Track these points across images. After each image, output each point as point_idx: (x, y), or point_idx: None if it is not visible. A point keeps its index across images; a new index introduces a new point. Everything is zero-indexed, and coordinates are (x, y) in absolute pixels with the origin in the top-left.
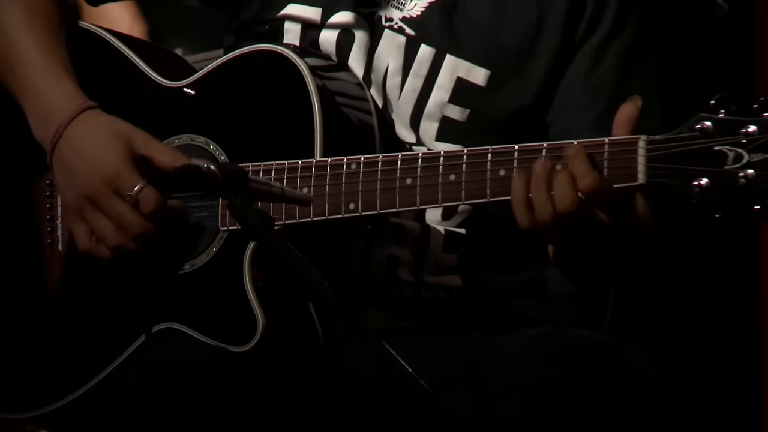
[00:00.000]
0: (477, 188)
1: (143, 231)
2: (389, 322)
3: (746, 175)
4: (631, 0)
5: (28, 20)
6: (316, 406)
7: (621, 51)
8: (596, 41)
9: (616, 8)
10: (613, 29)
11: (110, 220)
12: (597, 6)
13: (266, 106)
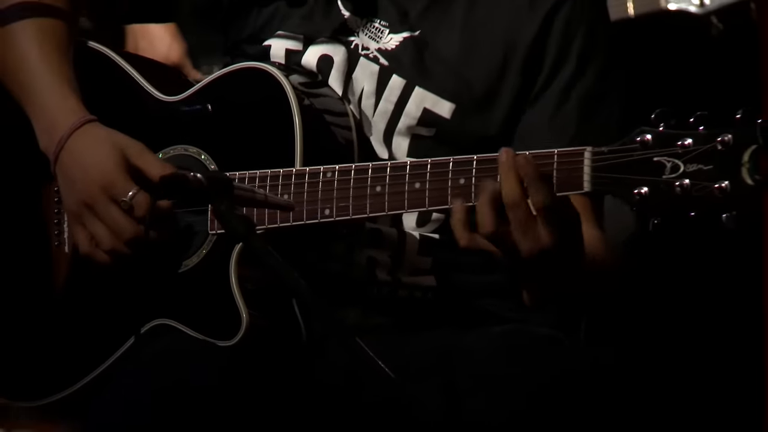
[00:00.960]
0: (439, 195)
1: (136, 235)
2: (367, 318)
3: (682, 184)
4: (593, 46)
5: (39, 40)
6: (299, 397)
7: (583, 95)
8: (560, 85)
9: (579, 54)
10: (576, 73)
11: (105, 225)
12: (560, 51)
13: (252, 119)
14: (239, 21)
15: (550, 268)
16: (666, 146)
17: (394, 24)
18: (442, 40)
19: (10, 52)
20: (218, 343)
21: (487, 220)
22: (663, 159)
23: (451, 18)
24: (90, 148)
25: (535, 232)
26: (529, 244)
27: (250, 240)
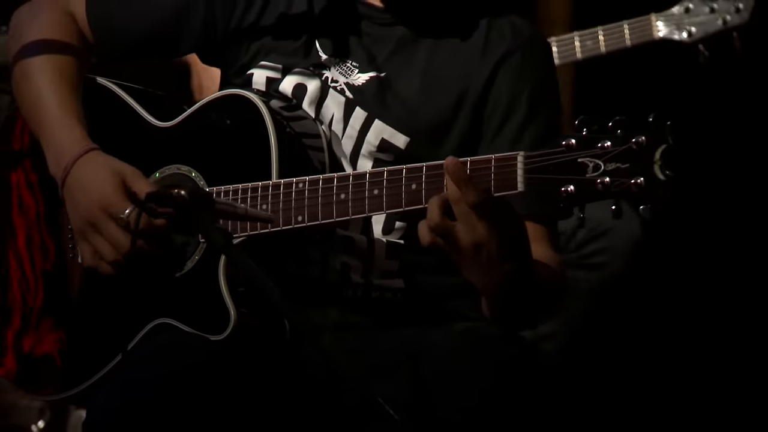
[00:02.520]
0: (395, 200)
1: (137, 249)
2: (345, 317)
3: (603, 182)
4: (541, 93)
5: (54, 79)
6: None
7: (534, 137)
8: (513, 128)
9: (529, 100)
10: (527, 118)
11: (106, 240)
12: (512, 98)
13: (235, 139)
14: (230, 55)
15: (487, 259)
16: (588, 148)
17: (363, 65)
18: (404, 81)
19: (27, 85)
20: (210, 337)
21: (434, 214)
22: (586, 160)
23: (414, 63)
24: (91, 173)
25: (472, 223)
26: (469, 235)
27: (227, 249)
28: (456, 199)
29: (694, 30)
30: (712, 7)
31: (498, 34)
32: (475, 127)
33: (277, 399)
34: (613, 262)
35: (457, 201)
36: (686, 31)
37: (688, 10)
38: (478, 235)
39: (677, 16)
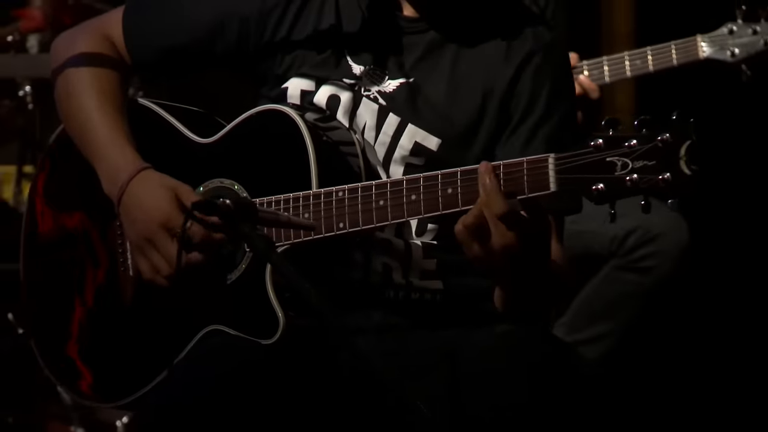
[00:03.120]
0: (432, 204)
1: (189, 260)
2: (386, 319)
3: (632, 179)
4: (558, 93)
5: (100, 101)
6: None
7: (549, 134)
8: (530, 125)
9: (547, 99)
10: (544, 116)
11: (163, 256)
12: (531, 97)
13: (274, 152)
14: (263, 69)
15: (512, 261)
16: (616, 147)
17: (393, 72)
18: (432, 86)
19: (73, 105)
20: (261, 341)
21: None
22: (614, 159)
23: (440, 68)
24: (147, 191)
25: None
26: (498, 239)
27: (269, 255)
28: (486, 206)
29: (737, 51)
30: (755, 29)
31: (520, 39)
32: (501, 127)
33: (318, 400)
34: (662, 266)
35: (487, 207)
36: (729, 51)
37: (731, 32)
38: (507, 240)
39: (721, 38)
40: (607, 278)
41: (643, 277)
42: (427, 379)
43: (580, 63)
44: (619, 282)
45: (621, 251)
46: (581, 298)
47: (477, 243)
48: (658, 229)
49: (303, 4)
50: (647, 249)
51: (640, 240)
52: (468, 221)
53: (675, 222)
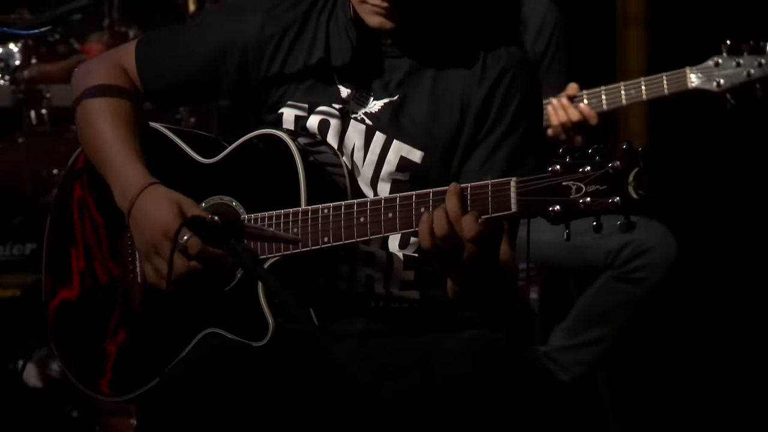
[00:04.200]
0: (406, 221)
1: (190, 269)
2: (368, 325)
3: (585, 201)
4: (524, 110)
5: (114, 122)
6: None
7: (511, 147)
8: (495, 137)
9: (512, 115)
10: (508, 130)
11: (166, 263)
12: (499, 112)
13: (269, 172)
14: (261, 97)
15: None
16: (571, 173)
17: (378, 93)
18: (414, 103)
19: (90, 129)
20: (252, 344)
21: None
22: (570, 183)
23: (422, 87)
24: (154, 204)
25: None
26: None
27: (253, 266)
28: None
29: (722, 81)
30: (738, 62)
31: (493, 59)
32: (474, 140)
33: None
34: (652, 277)
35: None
36: (715, 82)
37: (717, 64)
38: (467, 251)
39: (708, 69)
40: (603, 288)
41: (635, 287)
42: (404, 380)
43: (580, 92)
44: (614, 291)
45: (615, 263)
46: (580, 305)
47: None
48: (649, 244)
49: (297, 35)
50: (639, 261)
51: (632, 253)
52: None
53: (664, 237)
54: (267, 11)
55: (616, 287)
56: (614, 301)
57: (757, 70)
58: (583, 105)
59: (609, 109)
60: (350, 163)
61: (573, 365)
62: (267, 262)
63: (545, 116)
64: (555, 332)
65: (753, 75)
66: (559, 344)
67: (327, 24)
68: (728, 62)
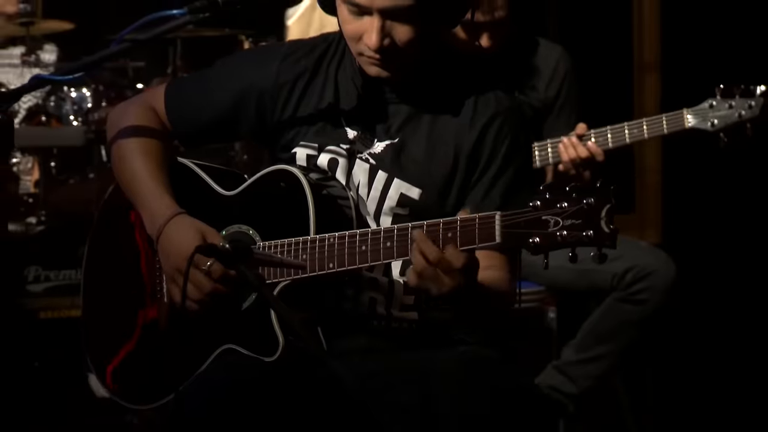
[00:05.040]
0: (403, 250)
1: (212, 290)
2: (371, 343)
3: (561, 234)
4: (513, 151)
5: (145, 160)
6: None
7: (505, 186)
8: (489, 177)
9: (503, 156)
10: (500, 170)
11: (192, 284)
12: (491, 153)
13: (283, 204)
14: (277, 137)
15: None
16: (550, 208)
17: (380, 135)
18: (413, 145)
19: (124, 165)
20: (264, 359)
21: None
22: (548, 217)
23: (420, 130)
24: (179, 232)
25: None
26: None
27: (260, 288)
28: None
29: (716, 122)
30: (731, 104)
31: (484, 105)
32: (468, 179)
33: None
34: (653, 299)
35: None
36: (710, 122)
37: (711, 106)
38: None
39: (703, 111)
40: (609, 308)
41: (638, 307)
42: (403, 393)
43: (588, 131)
44: (619, 311)
45: (620, 286)
46: (588, 323)
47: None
48: (650, 268)
49: (309, 82)
50: (642, 284)
51: (635, 277)
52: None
53: (665, 262)
54: (282, 60)
55: (620, 308)
56: (619, 320)
57: (748, 111)
58: (590, 143)
59: (614, 147)
60: (356, 197)
61: (582, 378)
62: (279, 285)
63: (557, 152)
64: (566, 348)
65: (744, 116)
66: (569, 359)
67: (336, 72)
68: (721, 104)
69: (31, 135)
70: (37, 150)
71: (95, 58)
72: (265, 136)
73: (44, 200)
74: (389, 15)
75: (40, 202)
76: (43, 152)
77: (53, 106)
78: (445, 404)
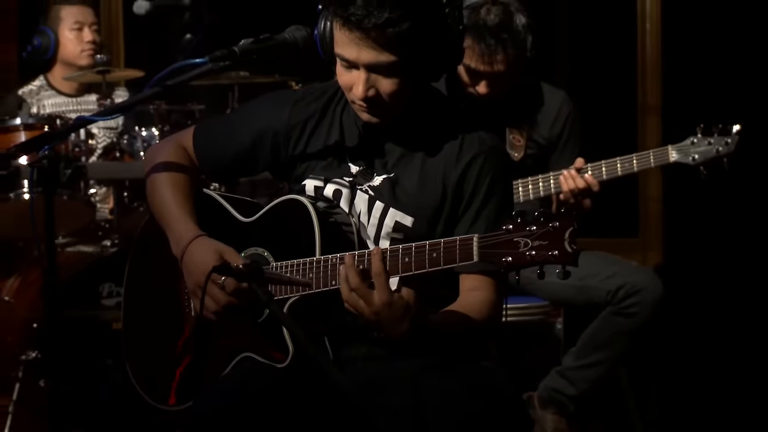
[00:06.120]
0: (395, 269)
1: (228, 303)
2: (371, 351)
3: (530, 254)
4: (494, 186)
5: (173, 191)
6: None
7: (487, 217)
8: (473, 210)
9: (485, 191)
10: (483, 203)
11: (211, 298)
12: (474, 189)
13: (293, 229)
14: (289, 171)
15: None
16: (521, 231)
17: (378, 170)
18: (406, 179)
19: (156, 195)
20: (277, 366)
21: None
22: (519, 239)
23: (413, 166)
24: (201, 252)
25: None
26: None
27: (269, 304)
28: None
29: (697, 156)
30: (709, 141)
31: (469, 144)
32: (454, 209)
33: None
34: (643, 312)
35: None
36: (691, 157)
37: (693, 143)
38: (367, 313)
39: (686, 147)
40: (604, 320)
41: (629, 319)
42: (398, 397)
43: (585, 165)
44: (613, 323)
45: (614, 301)
46: (586, 334)
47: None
48: (640, 286)
49: (317, 123)
50: (632, 300)
51: (627, 293)
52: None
53: (653, 280)
54: (293, 105)
55: (614, 320)
56: (613, 331)
57: (724, 147)
58: (587, 175)
59: (608, 178)
60: (358, 223)
61: (580, 382)
62: (289, 300)
63: (559, 183)
64: (567, 355)
65: (721, 152)
66: (569, 365)
67: (341, 115)
68: (702, 141)
69: (107, 169)
70: (112, 182)
71: (130, 101)
72: (280, 170)
73: (118, 225)
74: (374, 69)
75: (114, 227)
76: (117, 184)
77: (126, 143)
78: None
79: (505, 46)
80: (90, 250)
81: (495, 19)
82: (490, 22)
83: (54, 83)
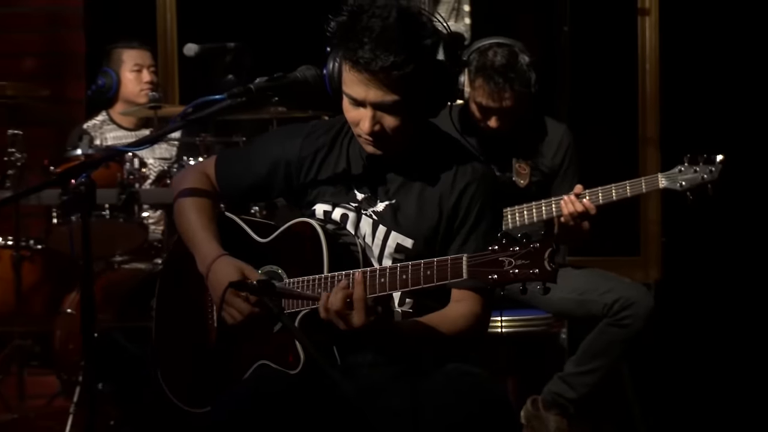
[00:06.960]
0: (393, 285)
1: (250, 313)
2: (375, 359)
3: (514, 272)
4: (484, 211)
5: (198, 214)
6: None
7: (478, 237)
8: (465, 232)
9: (476, 215)
10: (473, 226)
11: (234, 310)
12: (465, 213)
13: (304, 249)
14: (300, 197)
15: None
16: (505, 251)
17: (381, 197)
18: (407, 205)
19: (182, 218)
20: (290, 372)
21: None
22: (504, 258)
23: (412, 193)
24: (223, 269)
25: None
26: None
27: (280, 315)
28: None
29: (684, 183)
30: (695, 169)
31: (462, 173)
32: (449, 230)
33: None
34: (636, 323)
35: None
36: (679, 183)
37: (680, 171)
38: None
39: (674, 174)
40: (601, 331)
41: (623, 330)
42: (399, 397)
43: (584, 191)
44: (609, 333)
45: (610, 313)
46: (585, 343)
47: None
48: (633, 299)
49: (326, 154)
50: (626, 312)
51: (621, 306)
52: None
53: (645, 295)
54: (305, 137)
55: (610, 330)
56: (609, 340)
57: (709, 175)
58: (585, 200)
59: (604, 203)
60: (363, 244)
61: (580, 386)
62: (300, 313)
63: (560, 207)
64: (567, 362)
65: (706, 179)
66: (570, 371)
67: (348, 147)
68: (689, 169)
69: (159, 194)
70: (163, 206)
71: (158, 134)
72: (293, 196)
73: (168, 245)
74: (379, 107)
75: (165, 246)
76: (168, 208)
77: (176, 171)
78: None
79: (512, 84)
80: (144, 267)
81: (501, 60)
82: (497, 63)
83: (115, 118)
